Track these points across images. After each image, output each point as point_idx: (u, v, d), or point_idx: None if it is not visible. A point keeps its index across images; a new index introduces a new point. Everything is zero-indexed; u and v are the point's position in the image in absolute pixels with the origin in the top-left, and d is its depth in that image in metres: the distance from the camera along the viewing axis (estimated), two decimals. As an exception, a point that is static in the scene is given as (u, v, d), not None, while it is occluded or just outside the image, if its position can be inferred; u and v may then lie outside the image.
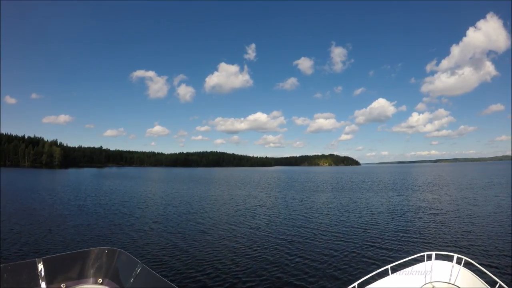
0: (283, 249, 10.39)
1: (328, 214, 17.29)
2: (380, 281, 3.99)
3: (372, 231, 12.72)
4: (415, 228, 13.36)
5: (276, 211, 18.77)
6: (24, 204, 21.02)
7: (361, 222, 14.60)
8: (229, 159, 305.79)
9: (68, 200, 23.46)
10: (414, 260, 4.22)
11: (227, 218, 16.35)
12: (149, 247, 10.71)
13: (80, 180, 51.29)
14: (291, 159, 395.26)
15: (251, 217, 16.48)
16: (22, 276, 2.49)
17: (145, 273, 2.69)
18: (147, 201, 23.93)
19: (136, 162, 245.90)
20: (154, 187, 39.35)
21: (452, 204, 20.49)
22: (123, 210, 19.17)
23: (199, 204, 22.09)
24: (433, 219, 15.22)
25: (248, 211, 18.60)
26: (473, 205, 19.76)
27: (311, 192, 31.12)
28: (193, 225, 14.37)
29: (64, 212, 18.21)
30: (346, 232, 12.64)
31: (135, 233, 12.88)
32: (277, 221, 15.40)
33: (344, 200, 23.68)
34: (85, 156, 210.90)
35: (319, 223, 14.68)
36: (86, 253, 2.88)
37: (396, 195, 26.26)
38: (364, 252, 9.81)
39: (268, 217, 16.46)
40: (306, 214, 17.18)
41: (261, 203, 22.63)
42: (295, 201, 23.21)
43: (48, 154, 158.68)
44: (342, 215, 16.66)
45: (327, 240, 11.50)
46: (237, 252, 10.08)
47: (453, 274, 4.02)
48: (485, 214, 16.17)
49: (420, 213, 17.03)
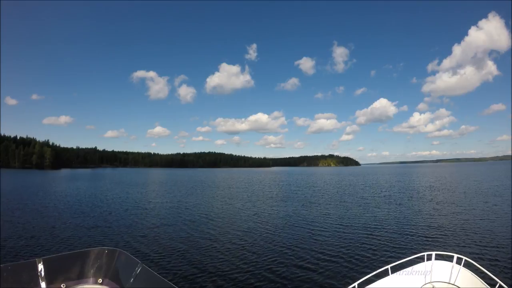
0: (283, 249, 10.48)
1: (327, 214, 17.37)
2: (380, 281, 4.03)
3: (372, 231, 12.83)
4: (415, 228, 13.50)
5: (276, 211, 18.83)
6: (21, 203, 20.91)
7: (361, 222, 14.72)
8: (227, 159, 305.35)
9: (68, 200, 23.37)
10: (414, 260, 4.25)
11: (227, 218, 16.41)
12: (149, 247, 10.83)
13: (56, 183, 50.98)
14: (290, 160, 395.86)
15: (251, 218, 16.54)
16: (22, 276, 2.52)
17: (145, 273, 2.72)
18: (147, 201, 23.94)
19: (131, 163, 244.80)
20: (154, 188, 39.26)
21: (452, 204, 20.68)
22: (123, 210, 19.30)
23: (199, 204, 22.08)
24: (433, 219, 15.39)
25: (248, 212, 18.64)
26: (473, 205, 19.97)
27: (309, 192, 31.24)
28: (193, 225, 14.47)
29: (64, 212, 18.28)
30: (346, 232, 12.75)
31: (135, 233, 13.06)
32: (276, 221, 15.46)
33: (344, 200, 23.79)
34: (78, 157, 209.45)
35: (318, 223, 14.77)
36: (86, 253, 2.91)
37: (396, 196, 26.44)
38: (364, 252, 9.92)
39: (267, 218, 16.52)
40: (305, 215, 17.26)
41: (261, 203, 22.66)
42: (295, 201, 23.28)
43: (38, 154, 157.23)
44: (342, 216, 16.76)
45: (327, 240, 11.59)
46: (236, 252, 10.17)
47: (453, 274, 4.06)
48: (485, 214, 16.37)
49: (420, 213, 17.20)
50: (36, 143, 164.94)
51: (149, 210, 19.81)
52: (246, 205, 21.96)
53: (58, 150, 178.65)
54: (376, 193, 29.69)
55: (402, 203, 21.83)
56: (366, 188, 35.88)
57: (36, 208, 20.19)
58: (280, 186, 41.42)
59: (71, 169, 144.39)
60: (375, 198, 25.35)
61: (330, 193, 30.65)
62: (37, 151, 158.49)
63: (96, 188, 37.47)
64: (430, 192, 29.14)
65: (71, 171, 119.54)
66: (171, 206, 21.54)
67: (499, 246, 10.37)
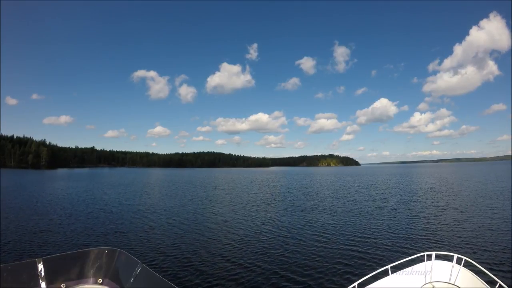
0: (283, 249, 10.52)
1: (327, 214, 17.42)
2: (380, 281, 4.07)
3: (372, 231, 12.89)
4: (415, 228, 13.57)
5: (275, 212, 18.87)
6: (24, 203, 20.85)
7: (361, 222, 14.77)
8: (226, 159, 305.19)
9: (67, 201, 23.34)
10: (414, 260, 4.29)
11: (227, 218, 16.43)
12: (149, 247, 10.89)
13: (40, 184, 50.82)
14: (290, 160, 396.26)
15: (251, 217, 16.58)
16: (22, 276, 2.54)
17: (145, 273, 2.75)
18: (147, 201, 23.95)
19: (129, 162, 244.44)
20: (152, 188, 39.23)
21: (452, 204, 20.76)
22: (123, 210, 19.34)
23: (198, 205, 22.10)
24: (433, 219, 15.46)
25: (247, 212, 18.66)
26: (473, 205, 20.06)
27: (309, 192, 31.31)
28: (193, 226, 14.51)
29: (64, 212, 18.31)
30: (346, 232, 12.80)
31: (135, 233, 13.13)
32: (276, 222, 15.50)
33: (343, 200, 23.86)
34: (76, 156, 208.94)
35: (318, 223, 14.81)
36: (86, 253, 2.94)
37: (396, 196, 26.53)
38: (364, 252, 9.97)
39: (267, 218, 16.55)
40: (305, 215, 17.31)
41: (260, 204, 22.70)
42: (294, 201, 23.33)
43: (34, 154, 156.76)
44: (341, 216, 16.81)
45: (327, 240, 11.64)
46: (236, 252, 10.22)
47: (453, 274, 4.09)
48: (485, 214, 16.45)
49: (420, 214, 17.27)
50: (32, 143, 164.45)
51: (149, 210, 19.81)
52: (246, 206, 21.98)
53: (55, 150, 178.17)
54: (375, 193, 29.77)
55: (402, 203, 21.90)
56: (366, 188, 35.97)
57: (36, 208, 20.15)
58: (278, 187, 41.48)
59: (68, 169, 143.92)
60: (375, 198, 25.42)
61: (329, 193, 30.71)
62: (33, 151, 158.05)
63: (96, 188, 37.42)
64: (430, 193, 29.24)
65: (68, 171, 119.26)
66: (171, 206, 21.56)
67: (499, 246, 10.43)
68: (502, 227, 13.33)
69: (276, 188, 39.15)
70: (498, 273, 7.70)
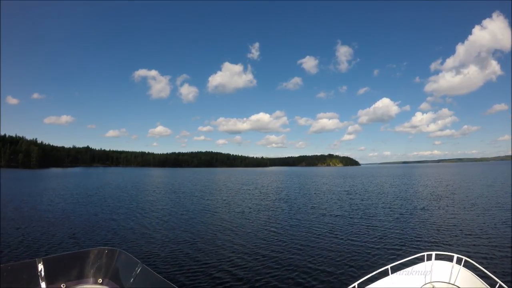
0: (283, 249, 10.60)
1: (327, 215, 17.51)
2: (380, 281, 4.13)
3: (372, 231, 13.00)
4: (415, 228, 13.71)
5: (275, 212, 18.92)
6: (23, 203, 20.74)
7: (361, 223, 14.86)
8: (223, 159, 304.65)
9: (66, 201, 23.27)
10: (414, 260, 4.35)
11: (227, 219, 16.48)
12: (149, 247, 10.95)
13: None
14: (289, 160, 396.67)
15: (250, 218, 16.62)
16: (22, 276, 2.58)
17: (145, 273, 2.80)
18: (146, 201, 23.99)
19: (123, 162, 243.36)
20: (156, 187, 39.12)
21: (452, 204, 20.94)
22: (123, 210, 19.39)
23: (198, 205, 22.10)
24: (433, 219, 15.61)
25: (246, 212, 18.70)
26: (473, 205, 20.25)
27: (309, 192, 31.43)
28: (193, 226, 14.59)
29: (64, 212, 18.35)
30: (346, 232, 12.89)
31: (135, 233, 13.21)
32: (276, 222, 15.55)
33: (343, 201, 23.98)
34: (69, 156, 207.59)
35: (318, 223, 14.90)
36: (86, 253, 2.98)
37: (396, 196, 26.71)
38: (364, 252, 10.08)
39: (267, 218, 16.60)
40: (305, 215, 17.39)
41: (260, 204, 22.75)
42: (294, 202, 23.41)
43: (25, 153, 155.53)
44: (341, 216, 16.90)
45: (327, 240, 11.73)
46: (236, 251, 10.31)
47: (453, 274, 4.16)
48: (486, 215, 16.64)
49: (420, 213, 17.41)
50: (23, 142, 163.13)
51: (149, 210, 19.81)
52: (245, 206, 22.03)
53: (47, 149, 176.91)
54: (375, 193, 29.94)
55: (402, 203, 22.06)
56: (365, 188, 36.14)
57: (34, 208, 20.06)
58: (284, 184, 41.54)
59: (61, 169, 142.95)
60: (375, 198, 25.57)
61: (329, 193, 30.84)
62: (24, 150, 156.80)
63: (94, 188, 37.25)
64: (430, 193, 29.45)
65: (58, 170, 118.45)
66: (171, 206, 21.56)
67: (499, 246, 10.57)
68: (502, 228, 13.49)
69: (274, 188, 39.21)
70: (498, 273, 7.83)
